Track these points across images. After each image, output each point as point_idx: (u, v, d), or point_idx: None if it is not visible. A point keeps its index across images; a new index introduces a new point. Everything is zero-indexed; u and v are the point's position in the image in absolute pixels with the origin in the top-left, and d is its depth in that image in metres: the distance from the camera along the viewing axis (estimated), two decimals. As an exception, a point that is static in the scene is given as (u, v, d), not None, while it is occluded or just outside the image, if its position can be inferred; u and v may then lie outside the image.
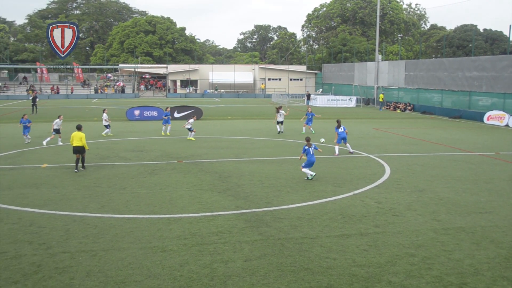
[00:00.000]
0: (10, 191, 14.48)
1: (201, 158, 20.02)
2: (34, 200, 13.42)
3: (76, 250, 9.67)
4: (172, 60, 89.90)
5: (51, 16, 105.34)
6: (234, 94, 75.09)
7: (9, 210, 12.52)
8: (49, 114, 41.66)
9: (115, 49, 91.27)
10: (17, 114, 42.49)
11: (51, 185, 15.25)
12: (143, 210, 12.45)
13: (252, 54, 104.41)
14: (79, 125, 17.76)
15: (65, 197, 13.81)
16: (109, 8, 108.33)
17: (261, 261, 9.17)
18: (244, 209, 12.59)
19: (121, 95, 71.18)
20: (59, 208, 12.67)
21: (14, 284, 8.15)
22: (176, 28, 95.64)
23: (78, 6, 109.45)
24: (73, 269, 8.76)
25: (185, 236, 10.52)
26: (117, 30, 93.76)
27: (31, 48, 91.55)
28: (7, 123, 34.67)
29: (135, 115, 36.90)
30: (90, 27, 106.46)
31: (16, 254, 9.46)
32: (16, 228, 11.06)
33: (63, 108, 49.42)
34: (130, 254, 9.48)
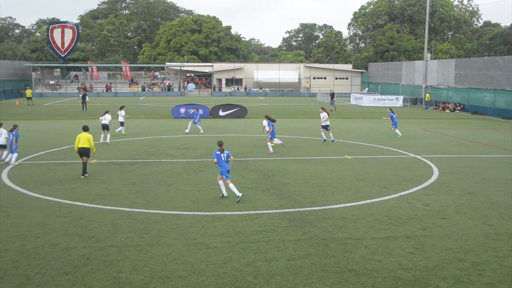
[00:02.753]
0: (62, 185, 14.99)
1: (245, 157, 20.10)
2: (84, 195, 13.83)
3: (123, 244, 9.90)
4: (217, 58, 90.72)
5: (102, 16, 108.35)
6: (279, 92, 75.05)
7: (61, 203, 12.95)
8: (98, 111, 42.85)
9: (162, 48, 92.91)
10: (69, 111, 43.96)
11: (100, 181, 15.67)
12: (188, 207, 12.61)
13: (297, 53, 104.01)
14: (86, 126, 16.74)
15: (113, 192, 14.17)
16: (156, 8, 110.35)
17: (305, 260, 9.11)
18: (288, 208, 12.55)
19: (167, 93, 72.43)
20: (107, 203, 13.00)
21: (65, 275, 8.42)
22: (221, 27, 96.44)
23: (127, 6, 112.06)
24: (120, 263, 8.97)
25: (229, 233, 10.59)
26: (164, 29, 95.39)
27: (82, 47, 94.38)
28: (60, 120, 35.91)
29: (180, 113, 37.44)
30: (138, 27, 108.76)
31: (67, 246, 9.77)
32: (67, 221, 11.43)
33: (111, 105, 50.72)
34: (175, 250, 9.62)
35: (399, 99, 54.36)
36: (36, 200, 13.32)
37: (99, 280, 8.23)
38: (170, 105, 47.20)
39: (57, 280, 8.23)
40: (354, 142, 24.48)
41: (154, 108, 47.48)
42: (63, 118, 37.61)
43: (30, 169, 17.48)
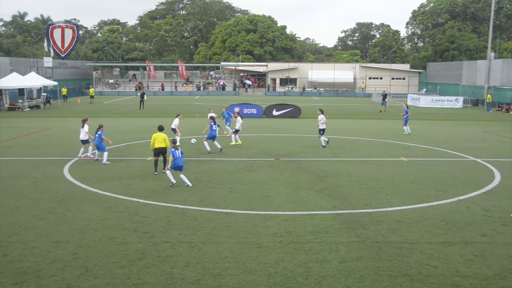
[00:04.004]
0: (119, 181, 15.45)
1: (298, 157, 20.01)
2: (140, 191, 14.19)
3: (176, 241, 10.08)
4: (272, 58, 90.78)
5: (159, 17, 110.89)
6: (333, 92, 74.27)
7: (117, 199, 13.35)
8: (155, 109, 43.93)
9: (218, 47, 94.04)
10: (127, 109, 45.30)
11: (155, 178, 16.03)
12: (241, 206, 12.69)
13: (353, 53, 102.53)
14: (161, 126, 16.75)
15: (167, 189, 14.46)
16: (212, 8, 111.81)
17: (357, 263, 8.95)
18: (341, 210, 12.38)
19: (221, 92, 73.27)
20: (162, 199, 13.29)
21: (121, 269, 8.67)
22: (276, 26, 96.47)
23: (184, 7, 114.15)
24: (173, 259, 9.13)
25: (281, 233, 10.56)
26: (220, 29, 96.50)
27: (140, 47, 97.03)
28: (118, 118, 37.04)
29: (234, 112, 37.71)
30: (194, 27, 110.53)
31: (123, 241, 10.06)
32: (124, 216, 11.77)
33: (167, 104, 51.85)
34: (227, 248, 9.70)
35: (458, 100, 52.48)
36: (94, 195, 13.80)
37: (153, 275, 8.42)
38: (224, 104, 47.68)
39: (114, 273, 8.49)
40: (410, 144, 23.85)
41: (209, 107, 48.06)
42: (121, 116, 38.78)
43: (89, 165, 18.14)
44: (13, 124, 31.88)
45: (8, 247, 9.63)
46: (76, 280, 8.18)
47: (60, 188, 14.50)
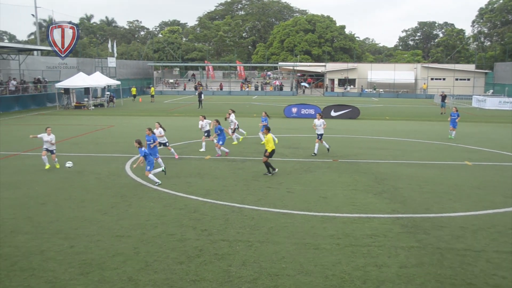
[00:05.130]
0: (178, 179, 15.77)
1: (356, 158, 19.69)
2: (198, 189, 14.42)
3: (234, 239, 10.15)
4: (330, 58, 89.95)
5: (218, 17, 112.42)
6: (393, 94, 72.58)
7: (177, 196, 13.63)
8: (212, 109, 44.53)
9: (275, 47, 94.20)
10: (186, 108, 46.20)
11: (213, 176, 16.24)
12: (298, 207, 12.62)
13: (414, 53, 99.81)
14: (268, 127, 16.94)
15: (225, 188, 14.61)
16: (271, 8, 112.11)
17: (418, 269, 8.69)
18: (401, 214, 12.06)
19: (279, 93, 73.30)
20: (220, 198, 13.44)
21: (180, 265, 8.83)
22: (335, 26, 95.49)
23: (242, 7, 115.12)
24: (230, 257, 9.21)
25: (338, 235, 10.42)
26: (278, 29, 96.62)
27: (199, 47, 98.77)
28: (178, 116, 37.82)
29: (292, 112, 37.67)
30: (253, 27, 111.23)
31: (181, 237, 10.25)
32: (182, 213, 11.99)
33: (225, 104, 52.43)
34: (284, 248, 9.68)
35: (528, 102, 49.88)
36: (155, 191, 14.15)
37: (210, 272, 8.52)
38: (281, 105, 47.70)
39: (172, 268, 8.66)
40: (475, 147, 22.91)
41: (266, 107, 48.26)
42: (180, 114, 39.59)
43: (150, 162, 18.59)
44: (79, 122, 33.27)
45: (74, 239, 10.05)
46: (137, 274, 8.41)
47: (122, 184, 14.98)
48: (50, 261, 8.91)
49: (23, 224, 11.05)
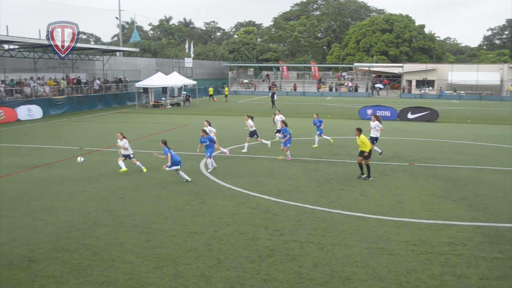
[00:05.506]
0: (251, 178, 15.91)
1: (434, 162, 18.95)
2: (270, 189, 14.47)
3: (305, 241, 10.09)
4: (408, 59, 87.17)
5: (293, 18, 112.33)
6: (476, 96, 69.16)
7: (249, 195, 13.76)
8: (285, 109, 44.56)
9: (351, 48, 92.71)
10: (259, 108, 46.57)
11: (286, 177, 16.24)
12: (371, 210, 12.34)
13: (501, 52, 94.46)
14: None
15: (297, 189, 14.56)
16: (347, 8, 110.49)
17: (501, 282, 8.20)
18: (482, 222, 11.45)
19: (354, 94, 72.15)
20: (292, 198, 13.41)
21: (251, 263, 8.90)
22: (414, 26, 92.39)
23: (318, 7, 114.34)
24: (302, 258, 9.16)
25: (413, 242, 10.07)
26: (354, 29, 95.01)
27: (274, 48, 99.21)
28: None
29: (367, 114, 36.89)
30: (328, 27, 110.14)
31: (253, 236, 10.32)
32: (254, 212, 12.08)
33: (298, 104, 52.34)
34: (356, 252, 9.49)
35: None
36: (228, 190, 14.36)
37: (281, 272, 8.52)
38: (356, 106, 46.92)
39: (244, 267, 8.74)
40: None
41: (341, 109, 47.69)
42: (253, 114, 39.92)
43: (223, 161, 18.93)
44: (156, 120, 34.48)
45: (151, 233, 10.41)
46: (209, 270, 8.56)
47: (196, 182, 15.33)
48: (127, 253, 9.29)
49: (104, 217, 11.60)
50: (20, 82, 38.61)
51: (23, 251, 9.38)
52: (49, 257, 9.09)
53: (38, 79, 40.99)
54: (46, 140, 24.38)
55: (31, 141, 23.66)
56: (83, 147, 22.00)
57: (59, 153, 20.49)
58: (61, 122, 33.48)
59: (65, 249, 9.49)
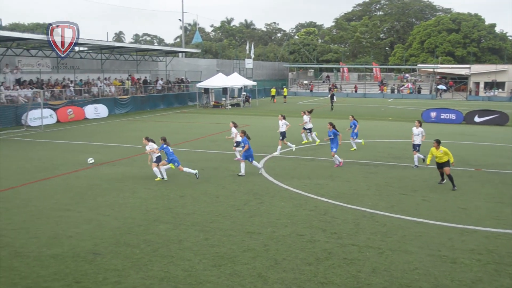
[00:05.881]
0: (309, 180, 15.80)
1: (503, 168, 18.08)
2: (329, 192, 14.31)
3: (364, 245, 9.89)
4: (476, 60, 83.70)
5: (355, 18, 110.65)
6: (550, 98, 65.44)
7: (307, 197, 13.66)
8: (345, 111, 43.98)
9: (415, 49, 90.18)
10: (318, 110, 46.22)
11: (344, 179, 16.01)
12: (434, 216, 11.92)
13: None
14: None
15: (356, 192, 14.32)
16: (412, 8, 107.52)
17: None
18: (555, 233, 10.80)
19: (417, 96, 70.17)
20: (351, 202, 13.19)
21: (308, 266, 8.83)
22: (483, 25, 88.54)
23: (381, 7, 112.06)
24: (360, 263, 8.98)
25: (479, 251, 9.63)
26: (418, 29, 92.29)
27: (335, 49, 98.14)
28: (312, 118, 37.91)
29: (431, 117, 35.78)
30: (391, 28, 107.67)
31: (311, 239, 10.24)
32: (312, 215, 11.98)
33: (359, 106, 51.52)
34: (417, 258, 9.19)
35: None
36: (286, 191, 14.33)
37: (339, 276, 8.39)
38: (419, 108, 45.59)
39: (301, 269, 8.68)
40: None
41: (402, 111, 46.51)
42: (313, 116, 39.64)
43: (282, 162, 18.92)
44: (216, 120, 34.98)
45: (209, 232, 10.55)
46: (266, 271, 8.56)
47: (255, 182, 15.40)
48: (186, 251, 9.46)
49: (164, 214, 11.87)
50: (88, 82, 40.30)
51: (89, 245, 9.76)
52: (112, 251, 9.41)
53: (104, 79, 42.64)
54: (111, 138, 25.31)
55: (97, 139, 24.63)
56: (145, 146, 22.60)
57: (122, 151, 21.21)
58: (125, 121, 34.67)
59: (127, 244, 9.79)
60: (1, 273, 8.40)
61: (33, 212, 11.95)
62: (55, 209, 12.27)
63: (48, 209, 12.22)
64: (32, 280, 8.15)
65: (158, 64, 53.79)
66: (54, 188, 14.42)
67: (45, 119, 30.79)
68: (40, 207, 12.43)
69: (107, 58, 44.97)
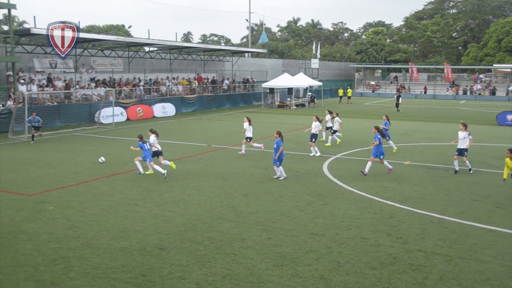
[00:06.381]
0: (375, 182, 15.45)
1: None
2: (395, 195, 13.93)
3: (431, 251, 9.54)
4: None
5: (426, 17, 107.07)
6: None
7: (372, 200, 13.37)
8: (411, 113, 42.73)
9: (490, 48, 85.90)
10: (384, 111, 45.13)
11: (412, 183, 15.53)
12: (509, 225, 11.29)
13: None
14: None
15: (424, 196, 13.84)
16: (488, 5, 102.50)
17: None
18: None
19: (491, 98, 66.92)
20: (418, 206, 12.77)
21: (372, 270, 8.62)
22: None
23: (454, 5, 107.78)
24: (427, 269, 8.67)
25: (558, 263, 9.03)
26: (496, 27, 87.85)
27: (404, 49, 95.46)
28: (375, 119, 37.18)
29: (507, 119, 33.99)
30: (465, 26, 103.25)
31: (375, 242, 10.00)
32: (377, 218, 11.70)
33: (427, 108, 49.83)
34: (489, 268, 8.75)
35: None
36: (350, 193, 14.09)
37: (404, 282, 8.13)
38: (493, 111, 43.46)
39: (364, 273, 8.49)
40: None
41: (475, 113, 44.53)
42: (378, 118, 38.81)
43: (347, 164, 18.64)
44: (281, 120, 35.00)
45: (271, 232, 10.56)
46: (329, 273, 8.45)
47: (319, 183, 15.26)
48: (249, 249, 9.51)
49: (228, 212, 12.01)
50: (156, 82, 41.55)
51: (154, 239, 10.04)
52: (176, 247, 9.63)
53: (172, 79, 43.79)
54: (178, 136, 25.95)
55: (165, 137, 25.32)
56: (210, 144, 23.05)
57: (188, 149, 21.69)
58: (191, 119, 35.44)
59: (191, 241, 9.98)
60: (75, 262, 8.81)
61: (103, 206, 12.46)
62: (123, 203, 12.74)
63: (117, 204, 12.70)
64: (102, 271, 8.49)
65: (224, 64, 54.61)
66: (123, 184, 14.97)
67: (116, 117, 32.07)
68: (110, 201, 12.95)
69: (176, 58, 46.17)
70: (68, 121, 30.29)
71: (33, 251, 9.36)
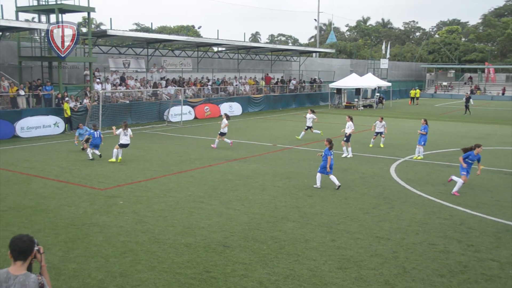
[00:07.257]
0: (445, 187, 14.85)
1: None
2: (466, 200, 13.34)
3: (506, 261, 9.05)
4: None
5: (507, 13, 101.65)
6: None
7: (441, 205, 12.87)
8: (484, 115, 40.75)
9: None
10: (456, 113, 43.34)
11: (485, 188, 14.82)
12: None
13: None
14: None
15: (498, 203, 13.16)
16: None
17: None
18: None
19: None
20: (492, 213, 12.16)
21: (440, 277, 8.30)
22: None
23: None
24: (501, 281, 8.23)
25: None
26: None
27: (480, 48, 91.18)
28: (447, 121, 35.81)
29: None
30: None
31: (444, 249, 9.61)
32: (447, 224, 11.25)
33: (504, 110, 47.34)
34: None
35: None
36: (418, 197, 13.65)
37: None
38: None
39: (432, 280, 8.19)
40: None
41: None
42: (450, 119, 37.35)
43: (415, 167, 18.06)
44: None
45: (336, 234, 10.42)
46: (394, 279, 8.22)
47: (385, 186, 14.89)
48: (312, 251, 9.43)
49: (292, 213, 11.97)
50: (224, 81, 42.18)
51: (219, 237, 10.18)
52: (240, 245, 9.71)
53: (240, 79, 44.29)
54: (243, 135, 26.20)
55: (231, 136, 25.63)
56: (276, 144, 23.10)
57: (254, 148, 21.84)
58: (257, 119, 35.68)
59: (255, 239, 10.04)
60: (142, 256, 9.11)
61: (170, 202, 12.80)
62: (189, 200, 13.02)
63: (183, 200, 13.00)
64: (167, 265, 8.72)
65: (292, 64, 54.55)
66: (189, 181, 15.31)
67: (184, 116, 32.87)
68: (177, 197, 13.28)
69: (243, 58, 46.66)
70: (139, 118, 31.38)
71: (104, 243, 9.77)
